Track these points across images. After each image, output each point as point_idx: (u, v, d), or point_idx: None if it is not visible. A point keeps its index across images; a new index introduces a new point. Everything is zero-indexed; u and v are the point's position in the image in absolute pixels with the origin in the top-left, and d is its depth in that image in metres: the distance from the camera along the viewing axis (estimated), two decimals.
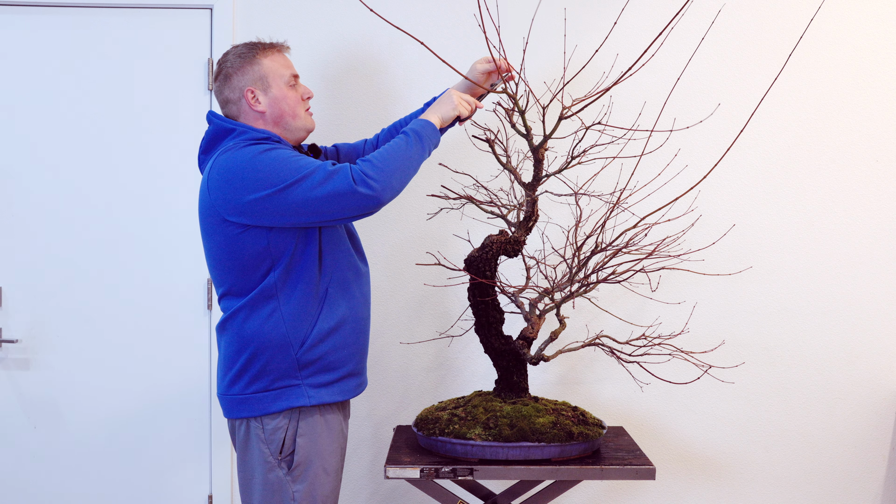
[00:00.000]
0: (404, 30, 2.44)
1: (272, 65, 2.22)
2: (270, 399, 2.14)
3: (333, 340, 2.18)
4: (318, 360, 2.17)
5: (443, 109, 2.27)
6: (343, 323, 2.20)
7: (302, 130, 2.26)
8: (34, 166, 2.98)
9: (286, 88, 2.22)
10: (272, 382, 2.14)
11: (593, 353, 2.99)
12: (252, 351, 2.14)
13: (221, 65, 2.23)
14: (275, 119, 2.22)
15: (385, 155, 2.09)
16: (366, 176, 2.03)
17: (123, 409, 3.01)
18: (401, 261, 3.00)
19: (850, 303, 3.03)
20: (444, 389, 3.02)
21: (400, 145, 2.13)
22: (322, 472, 2.18)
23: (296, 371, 2.14)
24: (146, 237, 2.99)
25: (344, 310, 2.21)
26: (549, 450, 2.32)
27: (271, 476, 2.15)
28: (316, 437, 2.17)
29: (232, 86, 2.21)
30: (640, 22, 2.89)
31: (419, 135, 2.17)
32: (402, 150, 2.12)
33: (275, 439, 2.14)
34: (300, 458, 2.15)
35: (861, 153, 3.02)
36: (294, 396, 2.14)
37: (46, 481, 3.01)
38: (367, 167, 2.05)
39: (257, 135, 2.16)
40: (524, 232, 2.45)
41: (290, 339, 2.13)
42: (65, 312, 2.99)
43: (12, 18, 2.97)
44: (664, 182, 2.84)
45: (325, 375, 2.18)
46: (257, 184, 2.03)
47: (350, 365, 2.23)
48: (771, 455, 3.05)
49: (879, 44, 3.01)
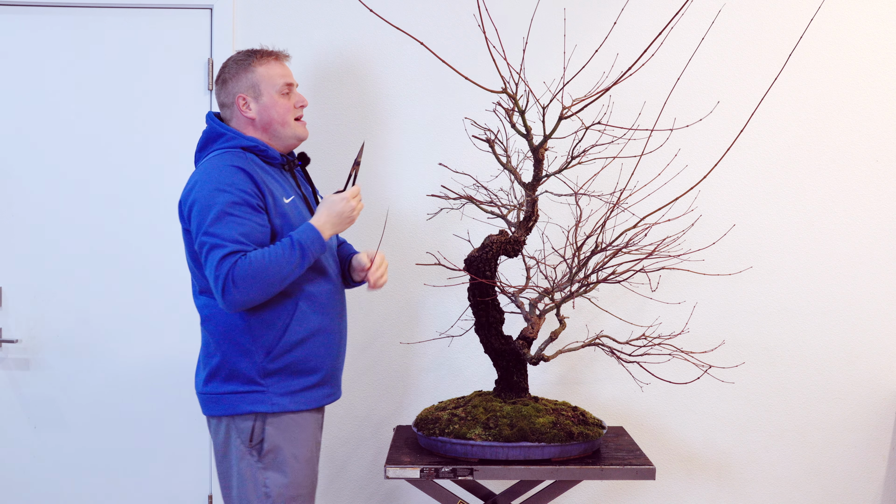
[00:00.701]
0: (404, 30, 2.44)
1: (266, 72, 2.28)
2: (238, 401, 2.20)
3: (301, 351, 2.23)
4: (284, 369, 2.21)
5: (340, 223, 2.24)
6: (313, 335, 2.25)
7: (292, 138, 2.32)
8: (34, 166, 2.98)
9: (277, 96, 2.28)
10: (240, 386, 2.20)
11: (593, 353, 2.99)
12: (223, 353, 2.21)
13: (221, 70, 2.31)
14: (263, 126, 2.28)
15: (264, 269, 2.08)
16: (234, 286, 2.06)
17: (123, 409, 3.01)
18: (401, 261, 3.00)
19: (850, 303, 3.03)
20: (444, 389, 3.02)
21: (283, 261, 2.11)
22: (293, 459, 2.22)
23: (261, 378, 2.20)
24: (146, 237, 2.99)
25: (315, 323, 2.25)
26: (549, 450, 2.32)
27: (244, 465, 2.21)
28: (285, 427, 2.21)
29: (227, 91, 2.29)
30: (640, 22, 2.89)
31: (304, 250, 2.15)
32: (281, 266, 2.11)
33: (245, 428, 2.20)
34: (269, 446, 2.20)
35: (861, 153, 3.02)
36: (259, 402, 2.20)
37: (46, 481, 3.01)
38: (240, 278, 2.06)
39: (245, 142, 2.24)
40: (524, 232, 2.45)
41: (256, 348, 2.19)
42: (65, 312, 2.99)
43: (12, 18, 2.97)
44: (664, 182, 2.84)
45: (291, 384, 2.22)
46: (197, 214, 2.13)
47: (318, 375, 2.27)
48: (771, 455, 3.05)
49: (879, 44, 3.01)
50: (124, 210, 2.99)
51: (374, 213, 2.94)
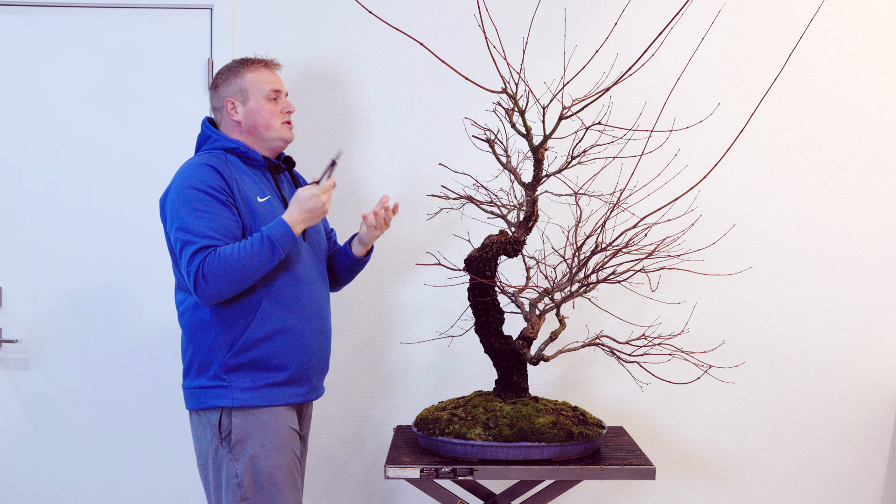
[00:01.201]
0: (403, 31, 2.44)
1: (254, 78, 2.37)
2: (204, 395, 2.28)
3: (263, 349, 2.26)
4: (247, 365, 2.26)
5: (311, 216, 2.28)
6: (275, 334, 2.27)
7: (278, 140, 2.40)
8: (34, 166, 2.98)
9: (263, 101, 2.37)
10: (207, 380, 2.27)
11: (593, 353, 2.99)
12: (194, 349, 2.30)
13: (215, 76, 2.43)
14: (249, 129, 2.37)
15: (233, 262, 2.15)
16: (204, 281, 2.15)
17: (123, 409, 3.01)
18: (401, 261, 3.00)
19: (850, 303, 3.03)
20: (444, 389, 3.02)
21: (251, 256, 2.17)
22: (261, 449, 2.24)
23: (224, 373, 2.25)
24: (146, 237, 2.99)
25: (279, 321, 2.28)
26: (549, 450, 2.32)
27: (217, 456, 2.27)
28: (251, 418, 2.25)
29: (217, 95, 2.40)
30: (640, 22, 2.89)
31: (274, 245, 2.20)
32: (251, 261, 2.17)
33: (214, 420, 2.26)
34: (237, 437, 2.24)
35: (861, 153, 3.02)
36: (221, 397, 2.25)
37: (46, 481, 3.01)
38: (209, 273, 2.14)
39: (227, 144, 2.35)
40: (524, 232, 2.45)
41: (219, 343, 2.25)
42: (65, 312, 2.99)
43: (12, 18, 2.97)
44: (664, 182, 2.84)
45: (254, 380, 2.26)
46: (171, 209, 2.24)
47: (285, 373, 2.29)
48: (771, 455, 3.05)
49: (879, 44, 3.01)
50: (124, 210, 2.99)
51: None
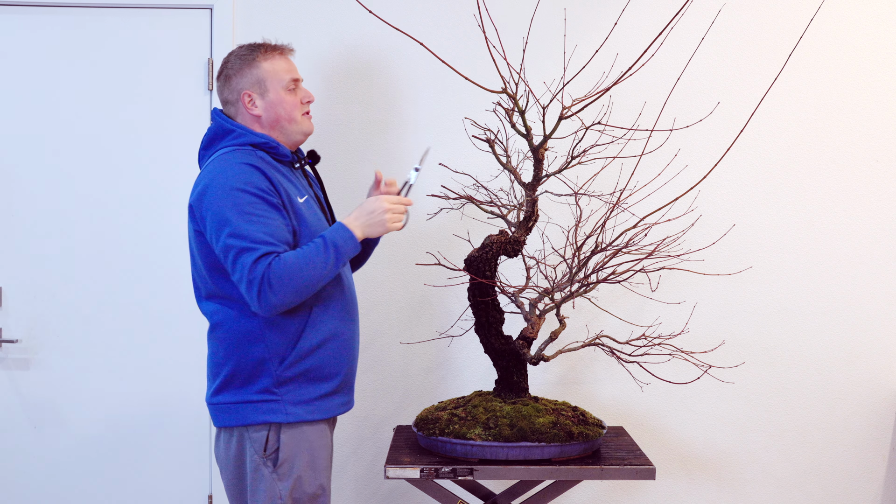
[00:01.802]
0: (403, 31, 2.44)
1: (271, 68, 2.21)
2: (251, 411, 2.13)
3: (315, 358, 2.16)
4: (299, 377, 2.15)
5: (372, 231, 2.18)
6: (327, 341, 2.18)
7: (299, 134, 2.26)
8: (34, 166, 2.98)
9: (283, 93, 2.21)
10: (253, 395, 2.13)
11: (593, 353, 2.99)
12: (234, 364, 2.14)
13: (224, 65, 2.24)
14: (270, 123, 2.22)
15: (298, 271, 2.03)
16: (270, 289, 2.00)
17: (123, 409, 3.01)
18: (401, 261, 3.00)
19: (850, 303, 3.03)
20: (444, 389, 3.02)
21: (316, 262, 2.06)
22: (309, 469, 2.16)
23: (275, 387, 2.13)
24: (146, 237, 2.99)
25: (329, 328, 2.19)
26: (549, 450, 2.32)
27: (258, 476, 2.13)
28: (301, 436, 2.15)
29: (231, 87, 2.22)
30: (640, 22, 2.89)
31: (338, 251, 2.10)
32: (315, 268, 2.05)
33: (259, 437, 2.13)
34: (284, 456, 2.13)
35: (861, 153, 3.02)
36: (273, 412, 2.13)
37: (46, 481, 3.01)
38: (276, 280, 2.00)
39: (256, 139, 2.17)
40: (524, 232, 2.45)
41: (270, 356, 2.13)
42: (65, 312, 2.99)
43: (12, 18, 2.97)
44: (664, 182, 2.84)
45: (305, 393, 2.16)
46: (216, 215, 2.05)
47: (334, 382, 2.21)
48: (771, 455, 3.05)
49: (879, 44, 3.01)
50: (124, 210, 2.99)
51: None
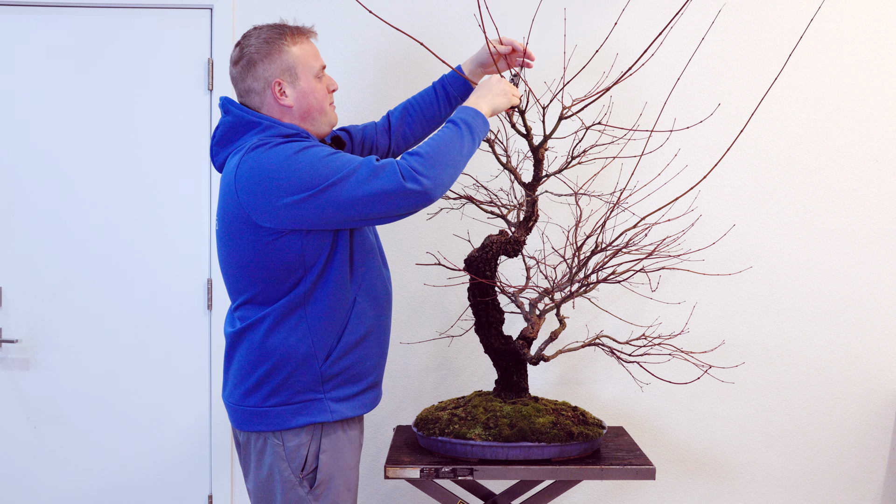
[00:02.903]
0: (403, 31, 2.44)
1: (302, 54, 2.04)
2: (290, 413, 2.00)
3: (358, 352, 2.06)
4: (343, 372, 2.04)
5: (496, 101, 2.08)
6: (369, 333, 2.08)
7: (326, 125, 2.11)
8: (34, 166, 2.98)
9: (314, 81, 2.05)
10: (293, 396, 2.00)
11: (593, 353, 2.99)
12: (274, 362, 2.00)
13: (243, 49, 2.03)
14: (302, 114, 2.05)
15: (435, 148, 1.91)
16: (415, 172, 1.87)
17: (123, 409, 3.01)
18: (401, 261, 3.00)
19: (850, 303, 3.03)
20: (444, 389, 3.03)
21: (451, 137, 1.95)
22: (344, 489, 2.07)
23: (318, 385, 2.01)
24: (146, 237, 2.99)
25: (371, 319, 2.08)
26: (549, 450, 2.32)
27: (291, 495, 2.02)
28: (338, 454, 2.05)
29: (256, 74, 2.02)
30: (640, 22, 2.89)
31: (471, 127, 1.98)
32: (453, 142, 1.94)
33: (297, 457, 2.01)
34: (323, 476, 2.03)
35: (861, 153, 3.02)
36: (316, 412, 2.00)
37: (46, 481, 3.01)
38: (416, 162, 1.88)
39: (286, 130, 1.99)
40: (524, 232, 2.45)
41: (315, 351, 2.00)
42: (65, 312, 2.99)
43: (12, 18, 2.97)
44: (664, 182, 2.84)
45: (348, 389, 2.05)
46: (296, 186, 1.87)
47: (373, 376, 2.12)
48: (771, 455, 3.05)
49: (879, 44, 3.01)
50: (124, 210, 2.99)
51: None
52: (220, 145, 2.07)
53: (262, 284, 2.00)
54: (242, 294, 2.05)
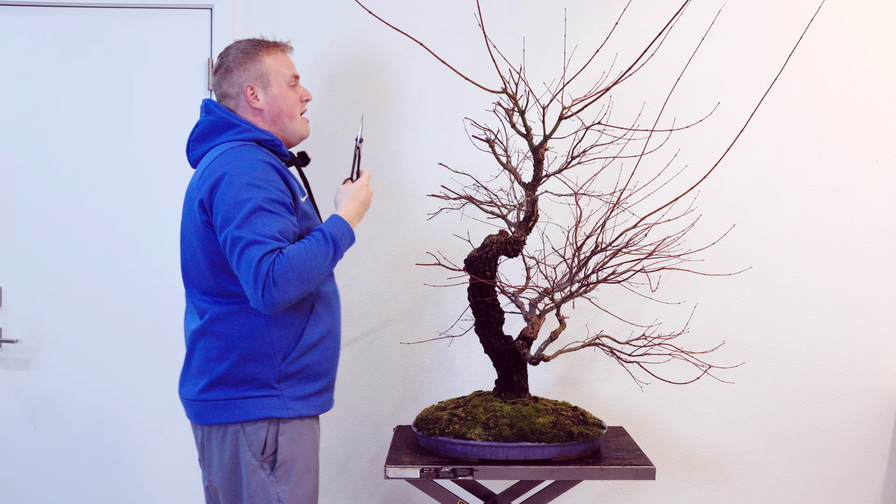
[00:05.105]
0: (403, 31, 2.44)
1: (274, 63, 2.23)
2: (249, 406, 2.11)
3: (315, 354, 2.18)
4: (300, 372, 2.16)
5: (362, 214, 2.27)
6: (325, 337, 2.21)
7: (296, 135, 2.28)
8: (34, 166, 2.98)
9: (286, 88, 2.23)
10: (252, 391, 2.12)
11: (593, 353, 2.99)
12: (236, 357, 2.11)
13: (223, 59, 2.24)
14: (272, 118, 2.22)
15: (302, 264, 2.00)
16: (274, 286, 1.95)
17: (123, 409, 3.01)
18: (401, 261, 3.00)
19: (850, 303, 3.03)
20: (444, 389, 3.02)
21: (318, 256, 2.05)
22: (304, 471, 2.17)
23: (276, 382, 2.13)
24: (146, 237, 2.99)
25: (326, 325, 2.21)
26: (549, 450, 2.32)
27: (255, 479, 2.12)
28: (297, 437, 2.16)
29: (232, 80, 2.21)
30: (641, 22, 2.89)
31: (338, 249, 2.12)
32: (318, 259, 2.04)
33: (257, 440, 2.12)
34: (283, 458, 2.13)
35: (861, 153, 3.02)
36: (273, 407, 2.12)
37: (46, 481, 3.01)
38: (280, 277, 1.96)
39: (261, 135, 2.17)
40: (524, 232, 2.45)
41: (274, 350, 2.12)
42: (65, 312, 2.99)
43: (12, 18, 2.97)
44: (664, 182, 2.84)
45: (304, 388, 2.17)
46: (229, 208, 2.01)
47: (327, 379, 2.24)
48: (771, 455, 3.05)
49: (879, 44, 3.00)
50: (124, 210, 2.99)
51: (374, 211, 2.95)
52: (198, 141, 2.21)
53: (226, 277, 2.10)
54: (203, 284, 2.14)
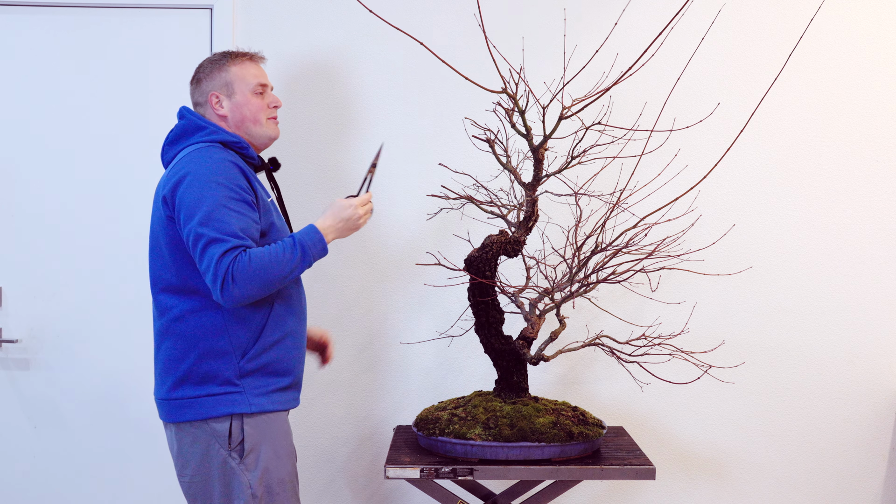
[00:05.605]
0: (404, 30, 2.44)
1: (239, 72, 2.30)
2: (213, 403, 2.16)
3: (276, 352, 2.22)
4: (261, 369, 2.20)
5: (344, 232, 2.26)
6: (286, 336, 2.24)
7: (263, 138, 2.33)
8: (35, 166, 2.98)
9: (250, 95, 2.29)
10: (216, 387, 2.17)
11: (593, 353, 2.99)
12: (198, 354, 2.17)
13: (196, 70, 2.34)
14: (236, 124, 2.29)
15: (266, 265, 2.07)
16: (233, 283, 2.03)
17: (123, 409, 3.01)
18: (401, 261, 3.00)
19: (850, 303, 3.03)
20: (444, 389, 3.02)
21: (283, 262, 2.10)
22: (274, 456, 2.20)
23: (237, 379, 2.17)
24: (145, 237, 2.99)
25: (287, 325, 2.25)
26: (549, 450, 2.32)
27: (226, 469, 2.17)
28: (263, 424, 2.19)
29: (201, 90, 2.31)
30: (641, 22, 2.89)
31: (306, 257, 2.15)
32: (282, 265, 2.10)
33: (222, 431, 2.16)
34: (250, 445, 2.17)
35: (861, 153, 3.02)
36: (236, 403, 2.16)
37: (46, 481, 3.01)
38: (240, 275, 2.03)
39: (227, 137, 2.24)
40: (524, 232, 2.45)
41: (233, 347, 2.17)
42: (65, 312, 2.99)
43: (13, 18, 2.97)
44: (664, 182, 2.84)
45: (266, 384, 2.20)
46: (191, 204, 2.09)
47: (290, 377, 2.26)
48: (771, 455, 3.05)
49: (879, 44, 3.01)
50: (124, 209, 2.99)
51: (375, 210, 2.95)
52: (171, 144, 2.30)
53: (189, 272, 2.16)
54: (165, 279, 2.21)
